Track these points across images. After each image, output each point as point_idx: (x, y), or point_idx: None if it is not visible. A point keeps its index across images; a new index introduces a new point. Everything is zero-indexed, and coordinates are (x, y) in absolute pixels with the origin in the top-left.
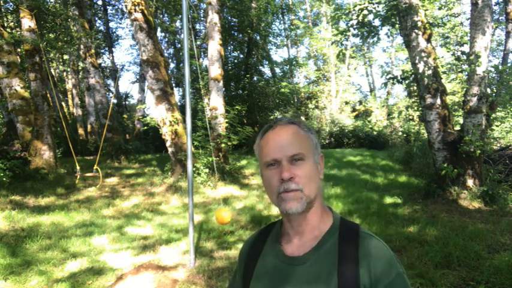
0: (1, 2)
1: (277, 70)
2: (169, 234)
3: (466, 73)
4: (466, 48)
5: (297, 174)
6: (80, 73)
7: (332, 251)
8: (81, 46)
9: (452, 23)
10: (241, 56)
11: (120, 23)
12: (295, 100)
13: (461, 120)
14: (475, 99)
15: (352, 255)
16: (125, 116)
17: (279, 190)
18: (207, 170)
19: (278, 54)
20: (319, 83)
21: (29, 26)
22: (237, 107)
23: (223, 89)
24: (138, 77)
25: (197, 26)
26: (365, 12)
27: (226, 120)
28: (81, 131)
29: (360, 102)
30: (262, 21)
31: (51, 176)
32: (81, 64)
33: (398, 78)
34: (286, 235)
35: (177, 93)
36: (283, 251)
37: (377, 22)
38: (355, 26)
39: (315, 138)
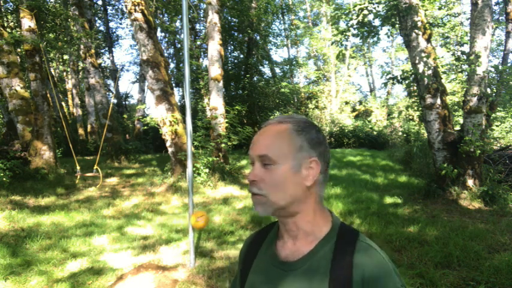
0: (1, 2)
1: (277, 70)
2: (170, 234)
3: (466, 73)
4: (466, 48)
5: (263, 179)
6: (80, 73)
7: (326, 258)
8: (81, 46)
9: (452, 23)
10: (241, 56)
11: (120, 23)
12: (295, 100)
13: (461, 120)
14: (475, 99)
15: (346, 265)
16: (125, 116)
17: (249, 190)
18: (207, 170)
19: (278, 54)
20: (319, 83)
21: (29, 26)
22: (237, 107)
23: (223, 89)
24: (138, 77)
25: (197, 26)
26: (365, 12)
27: (226, 120)
28: (81, 131)
29: (360, 102)
30: (262, 21)
31: (51, 176)
32: (81, 64)
33: (398, 78)
34: (282, 238)
35: (177, 93)
36: (278, 255)
37: (377, 22)
38: (355, 26)
39: (307, 140)
